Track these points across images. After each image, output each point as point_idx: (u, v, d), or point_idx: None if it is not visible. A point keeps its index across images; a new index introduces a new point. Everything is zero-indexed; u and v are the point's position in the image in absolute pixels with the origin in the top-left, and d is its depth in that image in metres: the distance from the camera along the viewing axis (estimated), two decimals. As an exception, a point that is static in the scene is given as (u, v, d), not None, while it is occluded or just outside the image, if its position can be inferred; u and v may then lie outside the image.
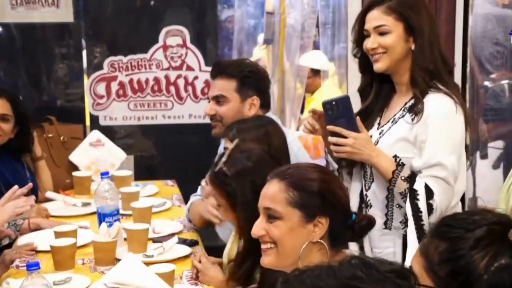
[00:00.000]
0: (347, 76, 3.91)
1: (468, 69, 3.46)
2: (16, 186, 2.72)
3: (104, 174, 2.89)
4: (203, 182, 3.14)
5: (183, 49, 4.10)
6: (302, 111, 5.96)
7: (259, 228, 1.85)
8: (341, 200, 1.83)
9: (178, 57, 4.10)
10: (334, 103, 2.29)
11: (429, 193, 2.26)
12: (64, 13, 4.01)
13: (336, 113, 2.29)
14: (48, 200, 3.48)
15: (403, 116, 2.37)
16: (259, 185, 1.93)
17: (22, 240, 2.88)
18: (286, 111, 4.86)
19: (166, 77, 4.11)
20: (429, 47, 2.32)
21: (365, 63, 2.43)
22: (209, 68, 4.00)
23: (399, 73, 2.38)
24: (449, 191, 2.30)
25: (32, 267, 2.18)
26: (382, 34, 2.33)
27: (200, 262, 2.56)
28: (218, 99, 2.95)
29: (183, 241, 2.84)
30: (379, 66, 2.36)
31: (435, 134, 2.28)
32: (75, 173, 3.64)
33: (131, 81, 4.09)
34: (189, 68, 4.12)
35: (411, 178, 2.29)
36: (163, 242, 2.76)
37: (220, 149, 3.14)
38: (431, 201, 2.26)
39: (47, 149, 3.74)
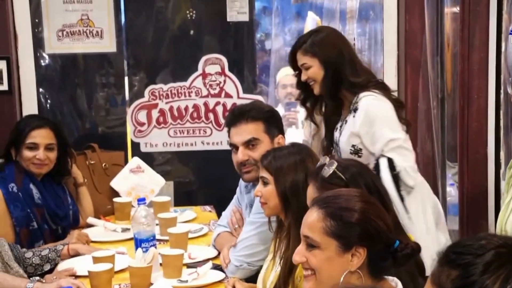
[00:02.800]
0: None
1: (501, 96, 3.46)
2: None
3: (140, 201, 2.97)
4: (228, 211, 3.20)
5: (222, 76, 4.18)
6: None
7: (300, 255, 1.86)
8: (380, 230, 1.82)
9: (216, 84, 4.18)
10: None
11: (390, 162, 2.87)
12: (107, 44, 4.13)
13: None
14: (89, 225, 3.58)
15: (349, 116, 2.99)
16: (372, 185, 2.16)
17: (62, 266, 2.97)
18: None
19: (205, 104, 4.18)
20: (331, 74, 3.00)
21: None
22: (248, 96, 4.13)
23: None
24: (406, 153, 2.93)
25: (67, 292, 2.26)
26: (306, 69, 3.06)
27: (234, 287, 2.61)
28: (250, 143, 2.94)
29: (217, 267, 2.90)
30: (315, 91, 3.09)
31: (374, 122, 2.91)
32: (115, 199, 3.73)
33: (171, 108, 4.17)
34: (228, 95, 4.19)
35: (376, 162, 2.90)
36: (197, 267, 2.81)
37: (241, 183, 3.19)
38: (394, 166, 2.87)
39: (89, 175, 3.84)
